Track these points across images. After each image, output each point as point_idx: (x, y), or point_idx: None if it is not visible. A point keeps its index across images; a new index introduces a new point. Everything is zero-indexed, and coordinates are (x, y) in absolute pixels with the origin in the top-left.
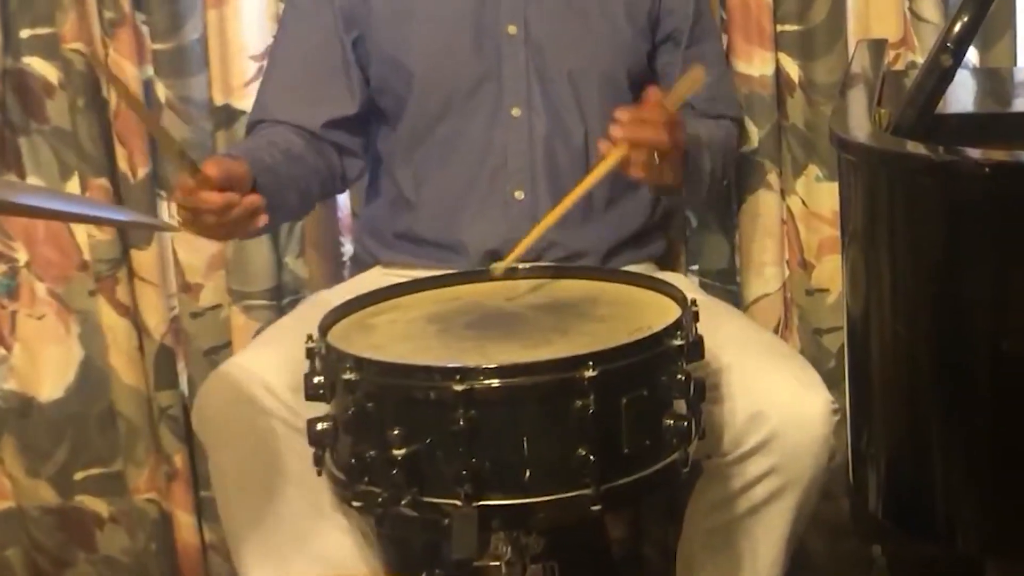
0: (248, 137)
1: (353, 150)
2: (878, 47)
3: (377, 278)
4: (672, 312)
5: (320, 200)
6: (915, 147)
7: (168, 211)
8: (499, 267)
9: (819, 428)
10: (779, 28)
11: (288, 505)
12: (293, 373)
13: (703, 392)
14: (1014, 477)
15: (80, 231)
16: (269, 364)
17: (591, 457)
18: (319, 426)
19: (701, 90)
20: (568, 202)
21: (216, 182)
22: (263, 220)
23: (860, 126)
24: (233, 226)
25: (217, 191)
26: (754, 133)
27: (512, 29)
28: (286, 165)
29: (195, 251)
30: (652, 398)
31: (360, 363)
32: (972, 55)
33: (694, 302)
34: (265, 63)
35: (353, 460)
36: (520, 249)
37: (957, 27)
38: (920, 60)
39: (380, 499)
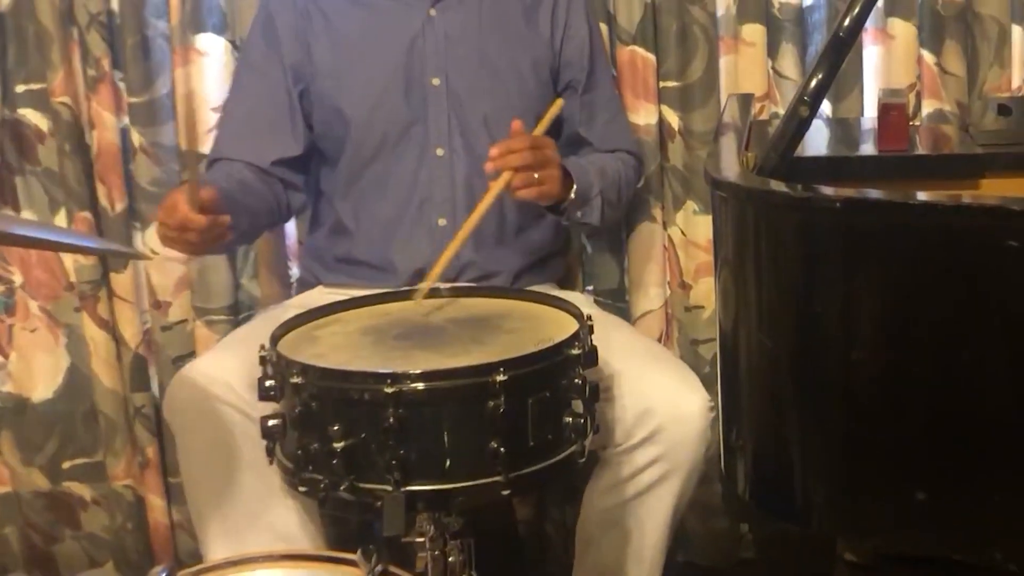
0: (207, 171)
1: (297, 185)
2: (746, 100)
3: (319, 297)
4: (571, 326)
5: (268, 227)
6: (777, 185)
7: (142, 241)
8: (422, 288)
9: (698, 423)
10: (662, 84)
11: (244, 488)
12: (248, 374)
13: (597, 393)
14: (860, 467)
15: (67, 257)
16: (228, 366)
17: (501, 449)
18: (270, 422)
19: (581, 131)
20: (467, 228)
21: (211, 206)
22: (228, 235)
23: (730, 167)
24: (211, 243)
25: (204, 213)
26: None
27: (435, 81)
28: (240, 193)
29: (164, 274)
30: (554, 399)
31: (305, 369)
32: (826, 107)
33: (589, 317)
34: (222, 111)
35: (299, 451)
36: (436, 272)
37: (813, 83)
38: (781, 111)
39: (322, 485)
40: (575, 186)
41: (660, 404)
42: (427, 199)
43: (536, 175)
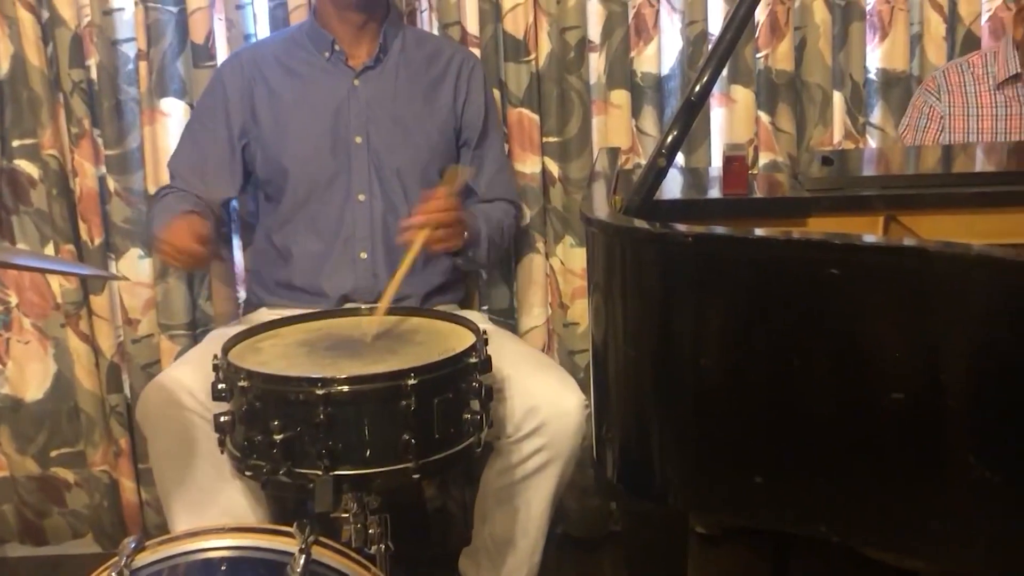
0: (162, 199)
1: (223, 220)
2: (614, 153)
3: (262, 317)
4: (469, 339)
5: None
6: (640, 223)
7: (116, 269)
8: (366, 310)
9: (575, 419)
10: (544, 139)
11: (202, 474)
12: (205, 383)
13: (491, 394)
14: (708, 455)
15: (54, 282)
16: (188, 377)
17: (412, 440)
18: (222, 419)
19: (469, 180)
20: (403, 271)
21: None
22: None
23: (601, 208)
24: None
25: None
26: (527, 213)
27: (358, 139)
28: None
29: (135, 296)
30: (455, 399)
31: (251, 374)
32: (680, 158)
33: (485, 331)
34: (179, 142)
35: (246, 442)
36: (385, 301)
37: (669, 139)
38: (643, 162)
39: (265, 470)
40: (466, 233)
41: (543, 403)
42: (350, 236)
43: (447, 231)
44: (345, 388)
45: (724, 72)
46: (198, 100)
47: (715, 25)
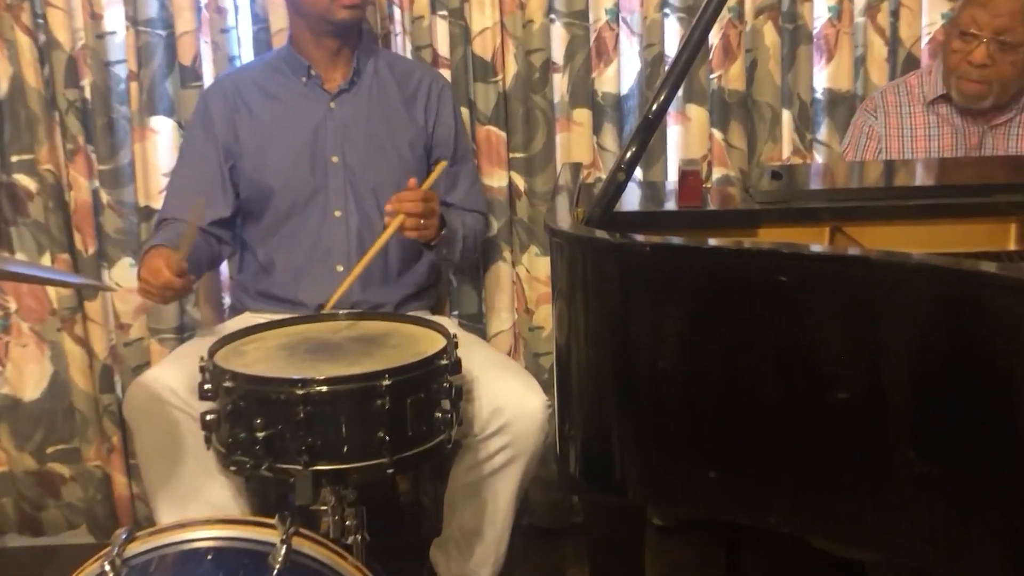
0: (158, 229)
1: (226, 240)
2: (576, 168)
3: (246, 320)
4: (440, 342)
5: (207, 270)
6: (600, 234)
7: (109, 277)
8: (326, 308)
9: (538, 418)
10: (511, 155)
11: (186, 469)
12: (190, 381)
13: (461, 395)
14: (665, 451)
15: (51, 289)
16: (174, 375)
17: (387, 438)
18: (208, 417)
19: (445, 196)
20: (367, 258)
21: (184, 270)
22: (192, 289)
23: (564, 219)
24: (180, 296)
25: (179, 277)
26: (494, 224)
27: (334, 159)
28: (195, 250)
29: (126, 303)
30: (427, 399)
31: (235, 376)
32: (638, 172)
33: (455, 335)
34: (169, 179)
35: (230, 439)
36: (336, 296)
37: (628, 154)
38: (603, 176)
39: (248, 465)
40: (445, 229)
41: (509, 404)
42: (328, 250)
43: (422, 221)
44: (324, 388)
45: (680, 92)
46: (186, 127)
47: (671, 48)
